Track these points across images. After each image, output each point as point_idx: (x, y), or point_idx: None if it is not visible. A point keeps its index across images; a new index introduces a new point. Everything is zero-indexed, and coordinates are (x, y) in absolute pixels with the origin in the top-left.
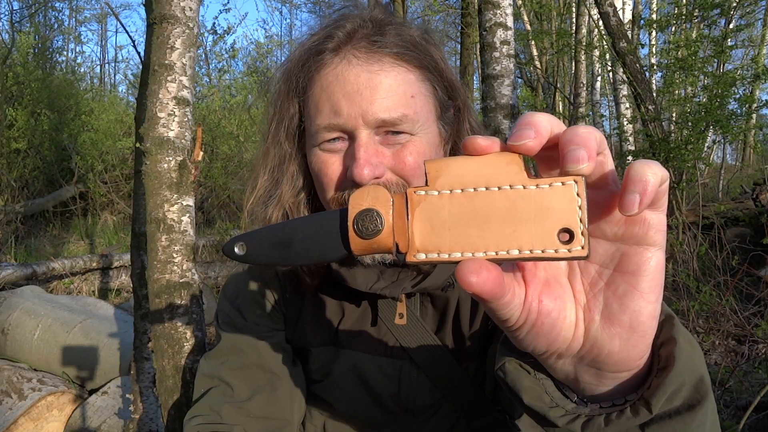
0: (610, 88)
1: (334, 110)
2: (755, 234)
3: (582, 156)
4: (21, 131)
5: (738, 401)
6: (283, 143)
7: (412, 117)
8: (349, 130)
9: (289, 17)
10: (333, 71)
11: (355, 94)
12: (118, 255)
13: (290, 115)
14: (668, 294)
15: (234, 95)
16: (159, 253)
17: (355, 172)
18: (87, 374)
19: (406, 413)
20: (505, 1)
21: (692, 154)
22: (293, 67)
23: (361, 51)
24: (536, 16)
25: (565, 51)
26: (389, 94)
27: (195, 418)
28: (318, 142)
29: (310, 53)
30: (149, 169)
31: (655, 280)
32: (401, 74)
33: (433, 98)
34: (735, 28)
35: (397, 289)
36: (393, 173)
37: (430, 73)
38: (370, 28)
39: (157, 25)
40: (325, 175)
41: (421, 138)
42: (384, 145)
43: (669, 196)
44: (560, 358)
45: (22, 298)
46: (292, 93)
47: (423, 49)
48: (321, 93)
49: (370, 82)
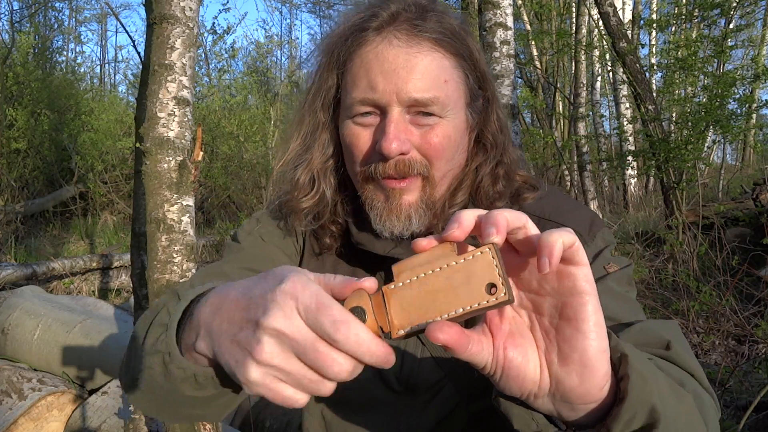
0: (610, 88)
1: (370, 85)
2: (755, 234)
3: (492, 231)
4: (21, 131)
5: (738, 401)
6: (318, 112)
7: (443, 100)
8: (383, 105)
9: (289, 17)
10: (374, 49)
11: (392, 73)
12: (118, 255)
13: (328, 87)
14: (668, 294)
15: (234, 95)
16: (159, 253)
17: (383, 145)
18: (87, 374)
19: (407, 392)
20: (505, 1)
21: (692, 154)
22: (336, 41)
23: (402, 33)
24: (536, 16)
25: (565, 51)
26: (424, 76)
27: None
28: (351, 115)
29: (354, 29)
30: (149, 169)
31: (595, 321)
32: (437, 59)
33: (465, 86)
34: (735, 28)
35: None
36: (418, 152)
37: (465, 61)
38: (413, 12)
39: (157, 25)
40: (355, 147)
41: (449, 122)
42: (413, 125)
43: (669, 196)
44: (538, 398)
45: (22, 298)
46: (333, 65)
47: (460, 38)
48: (360, 68)
49: (407, 62)
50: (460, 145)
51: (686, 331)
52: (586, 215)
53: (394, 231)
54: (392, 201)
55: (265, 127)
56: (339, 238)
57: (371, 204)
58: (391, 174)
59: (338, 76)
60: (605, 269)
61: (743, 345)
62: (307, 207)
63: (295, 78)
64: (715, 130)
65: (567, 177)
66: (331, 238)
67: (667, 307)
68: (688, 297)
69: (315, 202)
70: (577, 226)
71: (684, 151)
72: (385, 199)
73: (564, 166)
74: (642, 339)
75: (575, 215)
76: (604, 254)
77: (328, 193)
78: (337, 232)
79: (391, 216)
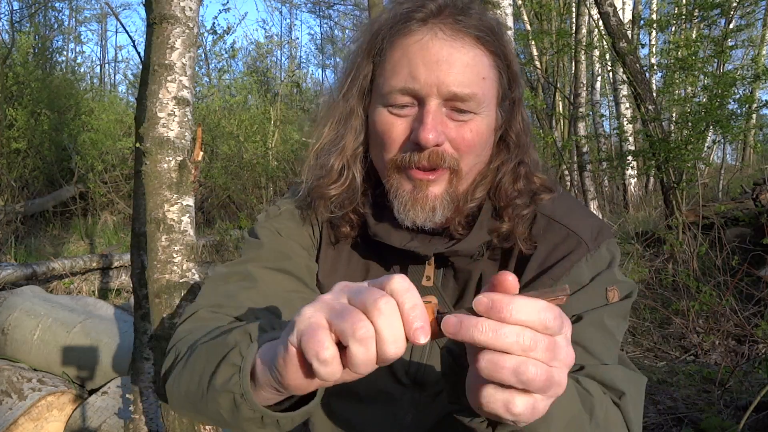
0: (610, 88)
1: (412, 75)
2: (755, 234)
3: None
4: (21, 131)
5: (738, 401)
6: (351, 100)
7: (480, 97)
8: (422, 96)
9: (289, 17)
10: (419, 40)
11: (434, 65)
12: (118, 255)
13: (364, 74)
14: (668, 294)
15: (234, 95)
16: (159, 253)
17: (421, 135)
18: (87, 374)
19: (414, 386)
20: (505, 1)
21: (692, 154)
22: (379, 29)
23: (447, 26)
24: (536, 16)
25: (565, 51)
26: (465, 71)
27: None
28: (388, 103)
29: (398, 19)
30: (149, 169)
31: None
32: (478, 56)
33: (498, 85)
34: (735, 28)
35: (431, 248)
36: (450, 146)
37: (501, 60)
38: (457, 8)
39: (157, 25)
40: (388, 136)
41: (482, 119)
42: (449, 119)
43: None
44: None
45: (22, 298)
46: (371, 53)
47: (499, 37)
48: (402, 57)
49: (450, 56)
50: (488, 142)
51: (686, 331)
52: (595, 223)
53: (417, 221)
54: (419, 191)
55: (265, 127)
56: (356, 228)
57: (396, 192)
58: (424, 165)
59: (374, 63)
60: (606, 294)
61: (743, 345)
62: (336, 194)
63: (295, 78)
64: (715, 130)
65: (567, 177)
66: (349, 226)
67: (667, 307)
68: (688, 297)
69: (344, 189)
70: (583, 232)
71: (684, 151)
72: (412, 189)
73: (564, 166)
74: (605, 379)
75: (584, 222)
76: (608, 273)
77: (357, 180)
78: (356, 221)
79: (416, 206)
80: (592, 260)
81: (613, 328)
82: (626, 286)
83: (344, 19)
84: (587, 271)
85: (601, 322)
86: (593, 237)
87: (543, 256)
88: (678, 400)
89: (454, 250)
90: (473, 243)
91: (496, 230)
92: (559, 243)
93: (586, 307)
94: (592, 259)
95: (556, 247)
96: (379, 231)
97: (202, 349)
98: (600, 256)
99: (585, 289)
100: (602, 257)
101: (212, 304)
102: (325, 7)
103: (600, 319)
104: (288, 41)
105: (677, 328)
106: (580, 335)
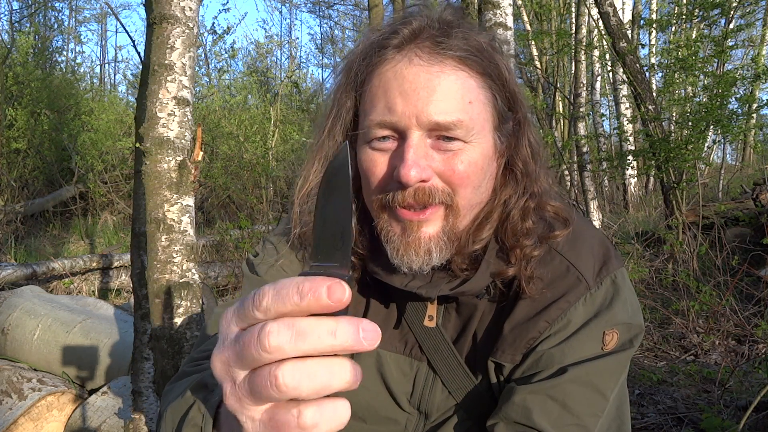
0: (610, 88)
1: (388, 107)
2: (755, 234)
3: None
4: (21, 131)
5: (738, 401)
6: (337, 136)
7: (467, 123)
8: (401, 129)
9: (289, 17)
10: (393, 68)
11: (412, 93)
12: (118, 255)
13: (347, 108)
14: (668, 294)
15: (234, 95)
16: (159, 253)
17: (401, 173)
18: (87, 374)
19: (418, 413)
20: (505, 1)
21: (692, 154)
22: (355, 59)
23: (424, 51)
24: (536, 16)
25: (565, 51)
26: (446, 97)
27: (184, 367)
28: (369, 139)
29: (373, 47)
30: (149, 169)
31: None
32: (461, 78)
33: (492, 107)
34: (735, 28)
35: (434, 289)
36: (441, 180)
37: (492, 81)
38: (436, 29)
39: (157, 25)
40: (371, 174)
41: (474, 147)
42: (435, 150)
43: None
44: None
45: (22, 298)
46: (351, 86)
47: (488, 56)
48: (378, 88)
49: (428, 82)
50: (488, 172)
51: (686, 331)
52: (598, 252)
53: (413, 266)
54: (409, 234)
55: (265, 127)
56: (358, 269)
57: (387, 236)
58: (410, 203)
59: (356, 97)
60: (603, 338)
61: (743, 345)
62: None
63: (295, 78)
64: (715, 130)
65: (567, 177)
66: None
67: (667, 307)
68: (688, 297)
69: None
70: (585, 267)
71: (684, 151)
72: (401, 232)
73: (564, 166)
74: None
75: (588, 253)
76: (607, 313)
77: None
78: (356, 263)
79: (409, 251)
80: (590, 300)
81: (601, 385)
82: (628, 329)
83: (344, 19)
84: (583, 313)
85: (588, 379)
86: (596, 273)
87: (538, 292)
88: (678, 400)
89: (460, 291)
90: (480, 284)
91: (501, 274)
92: (557, 279)
93: (576, 357)
94: (591, 298)
95: (553, 283)
96: (379, 271)
97: (165, 404)
98: (600, 295)
99: (576, 335)
100: (603, 295)
101: (196, 358)
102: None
103: (587, 374)
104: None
105: (677, 328)
106: (560, 390)
